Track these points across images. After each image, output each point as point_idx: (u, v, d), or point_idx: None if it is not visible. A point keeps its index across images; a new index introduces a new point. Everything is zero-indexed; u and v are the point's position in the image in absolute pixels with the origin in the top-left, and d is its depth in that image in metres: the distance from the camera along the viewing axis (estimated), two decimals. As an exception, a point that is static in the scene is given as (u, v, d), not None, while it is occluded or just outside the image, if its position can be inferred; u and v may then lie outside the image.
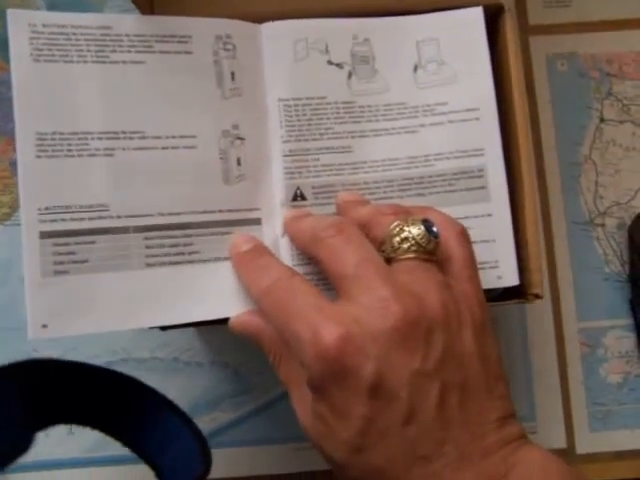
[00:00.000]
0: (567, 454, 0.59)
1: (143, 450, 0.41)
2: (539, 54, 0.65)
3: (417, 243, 0.38)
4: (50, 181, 0.42)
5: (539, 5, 0.66)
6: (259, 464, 0.59)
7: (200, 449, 0.40)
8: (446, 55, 0.50)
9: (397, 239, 0.39)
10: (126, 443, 0.41)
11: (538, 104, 0.64)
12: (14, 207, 0.62)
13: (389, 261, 0.39)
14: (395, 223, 0.39)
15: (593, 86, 0.64)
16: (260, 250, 0.44)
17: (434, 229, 0.39)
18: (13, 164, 0.63)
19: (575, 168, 0.63)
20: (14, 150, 0.62)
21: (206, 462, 0.39)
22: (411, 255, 0.38)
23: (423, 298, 0.36)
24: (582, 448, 0.59)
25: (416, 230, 0.39)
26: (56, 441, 0.59)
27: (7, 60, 0.63)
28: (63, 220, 0.42)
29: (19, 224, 0.61)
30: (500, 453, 0.35)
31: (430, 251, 0.39)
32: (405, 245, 0.38)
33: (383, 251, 0.39)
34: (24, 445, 0.34)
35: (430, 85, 0.50)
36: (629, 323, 0.61)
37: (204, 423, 0.59)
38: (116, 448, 0.57)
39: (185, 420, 0.41)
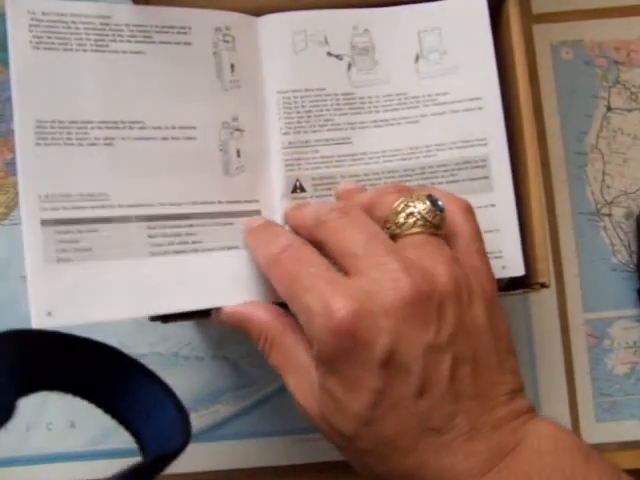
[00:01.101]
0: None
1: (124, 418, 0.41)
2: (543, 43, 0.65)
3: (423, 217, 0.39)
4: (50, 169, 0.43)
5: (544, -10, 0.66)
6: (260, 456, 0.60)
7: (181, 420, 0.40)
8: (448, 44, 0.50)
9: (402, 215, 0.39)
10: (107, 410, 0.42)
11: (542, 93, 0.64)
12: (10, 207, 0.63)
13: (394, 238, 0.40)
14: (399, 200, 0.40)
15: (599, 74, 0.65)
16: (271, 223, 0.45)
17: (439, 203, 0.40)
18: (8, 164, 0.64)
19: (581, 157, 0.64)
20: (9, 150, 0.64)
21: (186, 433, 0.40)
22: (417, 230, 0.39)
23: (433, 272, 0.37)
24: (588, 439, 0.60)
25: (421, 205, 0.39)
26: (57, 434, 0.60)
27: (3, 62, 0.65)
28: (64, 208, 0.43)
29: (16, 223, 0.62)
30: (510, 425, 0.36)
31: (436, 225, 0.39)
32: (411, 220, 0.39)
33: (388, 228, 0.40)
34: (7, 413, 0.35)
35: (432, 75, 0.50)
36: (636, 313, 0.61)
37: (205, 416, 0.60)
38: (117, 441, 0.60)
39: (166, 390, 0.42)
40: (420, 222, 0.39)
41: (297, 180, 0.47)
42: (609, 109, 0.64)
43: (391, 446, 0.36)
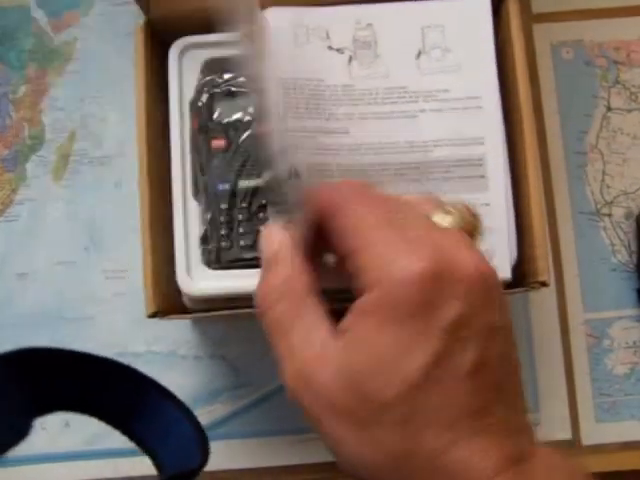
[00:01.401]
0: (573, 445, 0.60)
1: (141, 439, 0.41)
2: (543, 42, 0.65)
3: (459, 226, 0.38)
4: None
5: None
6: (258, 456, 0.60)
7: (199, 439, 0.40)
8: (451, 42, 0.51)
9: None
10: (124, 432, 0.41)
11: (542, 93, 0.64)
12: (6, 203, 0.64)
13: None
14: (437, 214, 0.38)
15: (599, 74, 0.65)
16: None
17: (476, 212, 0.39)
18: (4, 160, 0.64)
19: (581, 157, 0.64)
20: (4, 147, 0.64)
21: (204, 452, 0.39)
22: None
23: None
24: (588, 439, 0.60)
25: (458, 214, 0.38)
26: (53, 434, 0.60)
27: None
28: None
29: (12, 220, 0.62)
30: (529, 435, 0.35)
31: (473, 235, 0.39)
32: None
33: None
34: (23, 432, 0.35)
35: (433, 71, 0.50)
36: (636, 313, 0.61)
37: (202, 416, 0.60)
38: (113, 441, 0.59)
39: (184, 409, 0.41)
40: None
41: (292, 166, 0.47)
42: (609, 109, 0.64)
43: (429, 419, 0.34)
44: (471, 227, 0.38)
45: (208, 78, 0.53)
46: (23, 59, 0.66)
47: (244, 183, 0.51)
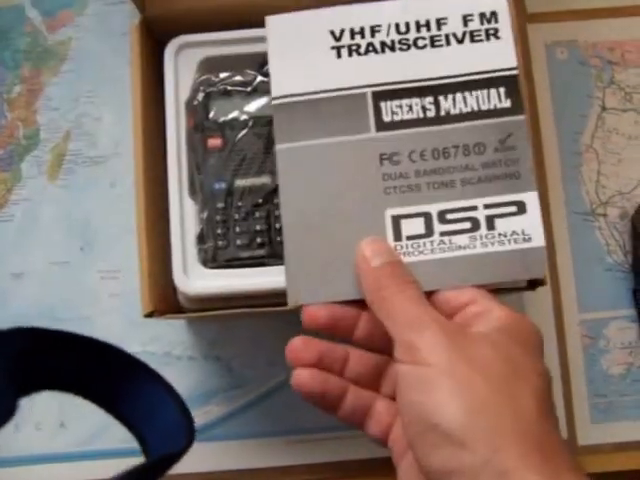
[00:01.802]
0: (569, 446, 0.60)
1: (127, 419, 0.41)
2: (538, 42, 0.66)
3: None
4: None
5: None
6: (254, 457, 0.60)
7: (184, 421, 0.40)
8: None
9: None
10: (110, 411, 0.41)
11: (537, 93, 0.65)
12: (1, 203, 0.63)
13: None
14: None
15: (594, 74, 0.65)
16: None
17: None
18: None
19: (576, 157, 0.64)
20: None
21: (190, 435, 0.39)
22: None
23: None
24: (584, 440, 0.60)
25: None
26: (48, 435, 0.60)
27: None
28: None
29: (6, 220, 0.62)
30: None
31: None
32: None
33: None
34: (8, 412, 0.35)
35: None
36: (632, 314, 0.62)
37: (197, 417, 0.60)
38: (109, 441, 0.59)
39: (170, 391, 0.41)
40: None
41: None
42: (604, 109, 0.65)
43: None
44: None
45: (204, 77, 0.53)
46: (17, 59, 0.66)
47: (240, 182, 0.51)
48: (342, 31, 0.50)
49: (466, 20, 0.49)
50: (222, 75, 0.54)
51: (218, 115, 0.53)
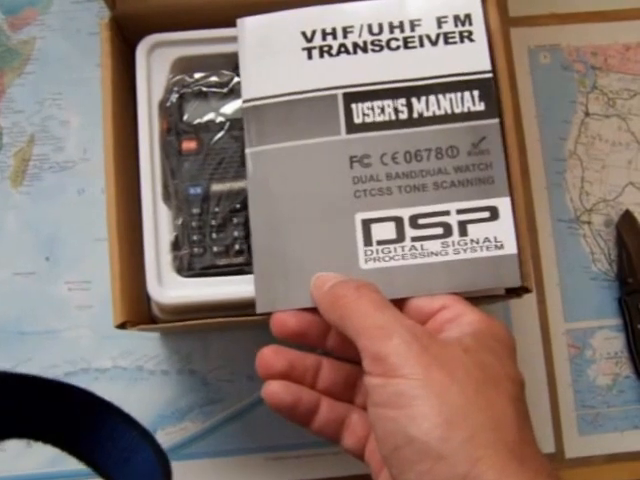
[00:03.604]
0: (556, 459, 0.60)
1: (100, 466, 0.40)
2: (520, 46, 0.66)
3: None
4: None
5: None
6: (231, 476, 0.58)
7: (160, 464, 0.39)
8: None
9: None
10: (81, 459, 0.40)
11: (520, 98, 0.65)
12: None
13: None
14: None
15: (577, 79, 0.66)
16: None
17: None
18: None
19: (560, 164, 0.64)
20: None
21: (167, 477, 0.39)
22: None
23: None
24: (571, 452, 0.60)
25: None
26: (13, 456, 0.58)
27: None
28: None
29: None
30: None
31: None
32: None
33: None
34: None
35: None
36: (618, 323, 0.62)
37: (172, 434, 0.59)
38: (75, 463, 0.57)
39: (144, 434, 0.40)
40: None
41: None
42: (587, 115, 0.65)
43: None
44: None
45: (178, 77, 0.53)
46: (-22, 59, 0.65)
47: (217, 187, 0.51)
48: (314, 32, 0.50)
49: (440, 22, 0.49)
50: (197, 76, 0.53)
51: (193, 117, 0.52)
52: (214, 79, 0.53)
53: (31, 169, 0.63)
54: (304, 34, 0.50)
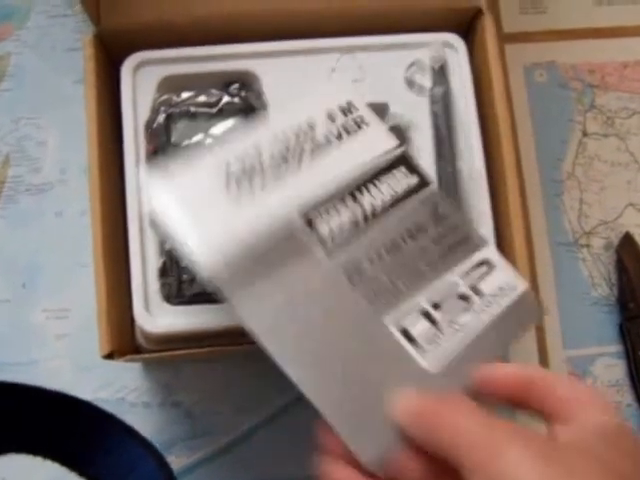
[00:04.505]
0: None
1: (101, 478, 0.40)
2: (516, 64, 0.68)
3: None
4: None
5: (514, 11, 0.69)
6: (221, 513, 0.58)
7: (163, 476, 0.40)
8: None
9: None
10: (82, 473, 0.40)
11: (517, 117, 0.66)
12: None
13: None
14: None
15: (574, 98, 0.67)
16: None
17: None
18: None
19: (557, 185, 0.66)
20: None
21: None
22: None
23: None
24: None
25: None
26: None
27: None
28: None
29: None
30: None
31: None
32: None
33: None
34: None
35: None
36: (619, 350, 0.63)
37: (156, 470, 0.58)
38: None
39: (146, 446, 0.41)
40: None
41: None
42: (585, 134, 0.67)
43: None
44: None
45: (165, 97, 0.53)
46: (-51, 75, 0.65)
47: (207, 211, 0.51)
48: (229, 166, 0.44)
49: (332, 117, 0.49)
50: (184, 95, 0.53)
51: (181, 138, 0.53)
52: (202, 99, 0.53)
53: (6, 191, 0.63)
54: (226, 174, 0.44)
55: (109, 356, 0.48)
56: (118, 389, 0.60)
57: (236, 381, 0.59)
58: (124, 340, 0.51)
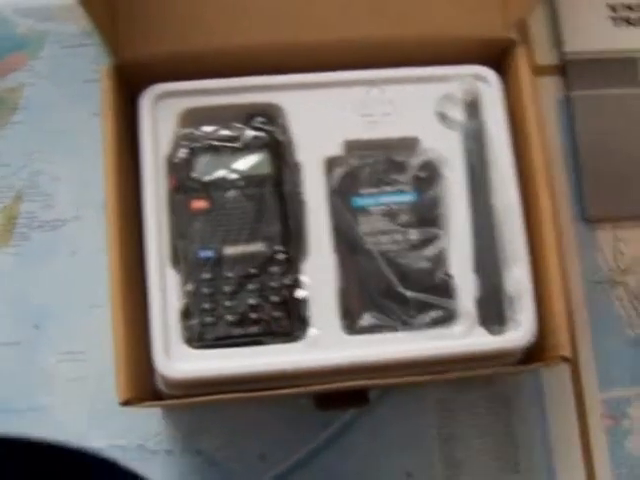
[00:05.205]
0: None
1: None
2: (548, 97, 0.67)
3: None
4: None
5: (547, 42, 0.68)
6: None
7: None
8: None
9: None
10: None
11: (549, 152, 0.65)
12: None
13: None
14: None
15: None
16: None
17: None
18: None
19: (591, 221, 0.65)
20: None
21: None
22: None
23: None
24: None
25: None
26: None
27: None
28: None
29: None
30: None
31: None
32: None
33: None
34: None
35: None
36: (657, 390, 0.62)
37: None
38: None
39: None
40: None
41: None
42: (618, 167, 0.66)
43: None
44: None
45: (186, 131, 0.52)
46: (-41, 108, 0.64)
47: (230, 250, 0.50)
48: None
49: None
50: (206, 129, 0.53)
51: (203, 174, 0.52)
52: (225, 132, 0.53)
53: (19, 228, 0.62)
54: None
55: (126, 403, 0.46)
56: (137, 436, 0.59)
57: (260, 426, 0.58)
58: (143, 385, 0.49)
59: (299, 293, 0.50)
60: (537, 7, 0.65)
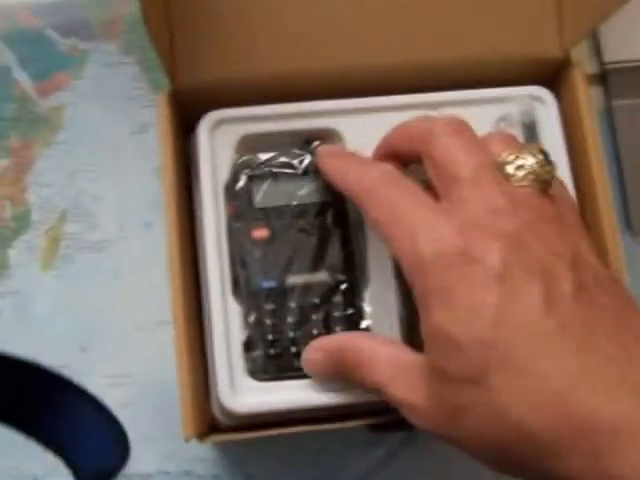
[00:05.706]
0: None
1: (52, 439, 0.41)
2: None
3: (534, 172, 0.41)
4: None
5: (586, 51, 0.68)
6: None
7: (116, 437, 0.41)
8: None
9: (511, 166, 0.41)
10: (31, 433, 0.41)
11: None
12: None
13: None
14: (508, 150, 0.42)
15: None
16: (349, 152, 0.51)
17: (551, 159, 0.42)
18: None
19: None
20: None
21: (123, 450, 0.41)
22: (526, 183, 0.41)
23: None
24: None
25: (532, 159, 0.41)
26: None
27: None
28: None
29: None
30: None
31: (546, 181, 0.41)
32: (520, 173, 0.41)
33: None
34: None
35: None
36: None
37: None
38: None
39: (99, 407, 0.41)
40: (531, 177, 0.41)
41: None
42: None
43: (522, 372, 0.36)
44: (547, 177, 0.41)
45: (245, 158, 0.52)
46: (4, 128, 0.64)
47: (293, 279, 0.50)
48: None
49: None
50: (265, 155, 0.53)
51: (263, 201, 0.52)
52: (284, 159, 0.53)
53: (63, 249, 0.62)
54: None
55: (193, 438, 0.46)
56: (185, 461, 0.59)
57: (313, 452, 0.58)
58: (204, 417, 0.50)
59: (363, 323, 0.50)
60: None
